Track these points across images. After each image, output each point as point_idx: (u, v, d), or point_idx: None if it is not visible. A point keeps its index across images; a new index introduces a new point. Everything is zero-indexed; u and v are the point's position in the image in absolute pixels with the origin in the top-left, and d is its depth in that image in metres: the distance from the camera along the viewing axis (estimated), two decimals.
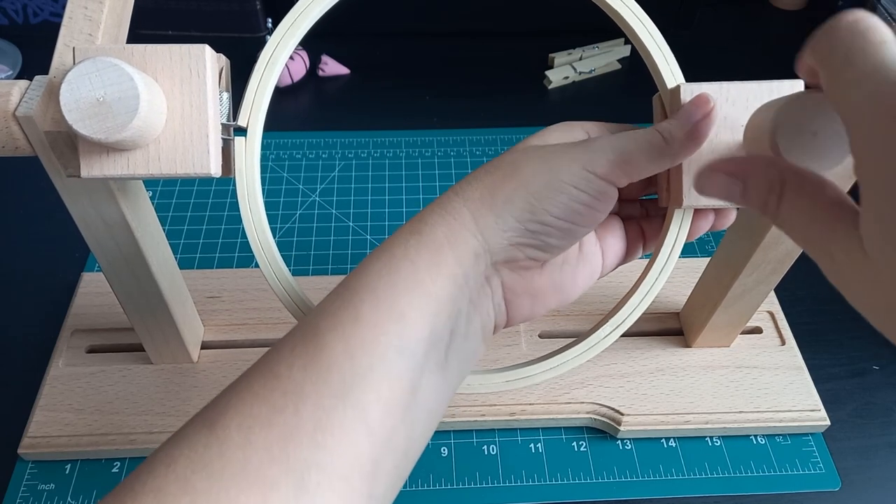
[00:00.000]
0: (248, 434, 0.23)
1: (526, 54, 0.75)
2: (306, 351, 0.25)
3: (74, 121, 0.26)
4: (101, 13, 0.30)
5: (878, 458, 0.45)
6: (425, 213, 0.29)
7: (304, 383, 0.24)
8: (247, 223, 0.33)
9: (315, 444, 0.23)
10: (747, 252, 0.39)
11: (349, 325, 0.25)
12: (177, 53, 0.29)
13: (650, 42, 0.33)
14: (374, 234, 0.58)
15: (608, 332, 0.34)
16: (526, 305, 0.31)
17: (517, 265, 0.29)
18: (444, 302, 0.27)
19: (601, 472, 0.44)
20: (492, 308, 0.29)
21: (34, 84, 0.29)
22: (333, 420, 0.23)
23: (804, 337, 0.49)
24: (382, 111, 0.69)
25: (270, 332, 0.48)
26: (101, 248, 0.36)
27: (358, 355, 0.25)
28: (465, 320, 0.28)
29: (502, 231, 0.28)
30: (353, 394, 0.24)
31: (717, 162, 0.26)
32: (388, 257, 0.27)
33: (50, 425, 0.43)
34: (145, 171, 0.29)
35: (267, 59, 0.32)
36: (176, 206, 0.59)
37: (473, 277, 0.28)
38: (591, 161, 0.28)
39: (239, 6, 0.72)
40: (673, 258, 0.33)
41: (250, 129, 0.32)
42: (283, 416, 0.23)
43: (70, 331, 0.48)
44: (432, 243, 0.27)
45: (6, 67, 0.69)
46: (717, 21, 0.80)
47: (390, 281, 0.26)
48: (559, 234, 0.29)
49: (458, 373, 0.28)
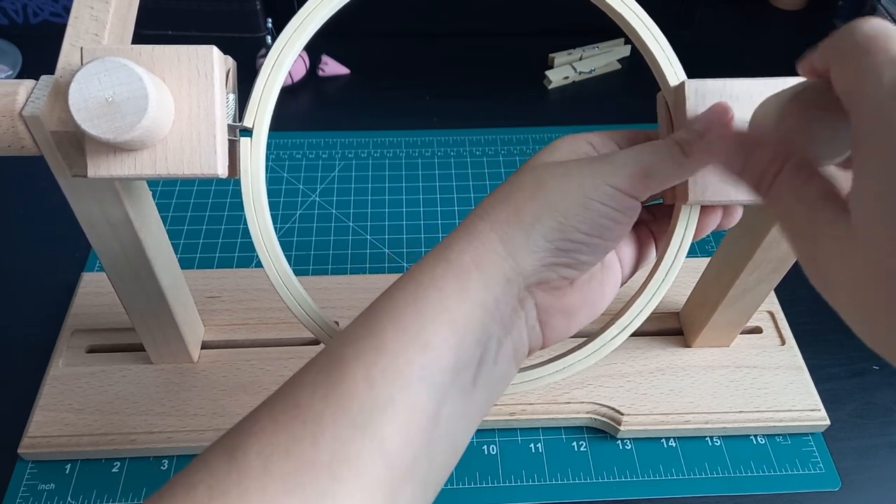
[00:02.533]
0: (267, 462, 0.23)
1: (526, 54, 0.75)
2: (328, 379, 0.25)
3: (83, 120, 0.26)
4: (107, 13, 0.30)
5: (878, 458, 0.45)
6: (451, 239, 0.28)
7: (323, 413, 0.24)
8: (251, 224, 0.32)
9: (332, 475, 0.23)
10: (748, 251, 0.39)
11: (371, 353, 0.25)
12: (184, 54, 0.29)
13: (650, 39, 0.33)
14: (374, 234, 0.58)
15: (615, 333, 0.34)
16: (561, 324, 0.30)
17: (549, 286, 0.29)
18: (471, 329, 0.26)
19: (601, 472, 0.44)
20: (525, 331, 0.29)
21: (40, 84, 0.29)
22: (351, 452, 0.23)
23: (804, 337, 0.49)
24: (382, 111, 0.69)
25: (270, 332, 0.48)
26: (105, 247, 0.36)
27: (378, 385, 0.24)
28: (495, 345, 0.27)
29: (533, 252, 0.28)
30: (372, 425, 0.24)
31: (727, 130, 0.26)
32: (415, 286, 0.27)
33: (50, 425, 0.43)
34: (152, 172, 0.29)
35: (274, 60, 0.32)
36: (176, 206, 0.59)
37: (505, 302, 0.28)
38: (615, 177, 0.28)
39: (239, 6, 0.72)
40: (681, 256, 0.33)
41: (256, 129, 0.32)
42: (301, 446, 0.23)
43: (70, 331, 0.48)
44: (460, 269, 0.27)
45: (6, 67, 0.69)
46: (717, 21, 0.80)
47: (416, 309, 0.26)
48: (588, 251, 0.29)
49: (487, 398, 0.28)
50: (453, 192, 0.62)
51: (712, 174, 0.31)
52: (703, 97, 0.31)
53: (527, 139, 0.66)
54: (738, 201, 0.32)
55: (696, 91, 0.31)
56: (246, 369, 0.46)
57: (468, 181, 0.63)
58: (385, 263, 0.56)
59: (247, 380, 0.46)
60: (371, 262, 0.56)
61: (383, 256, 0.56)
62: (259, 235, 0.33)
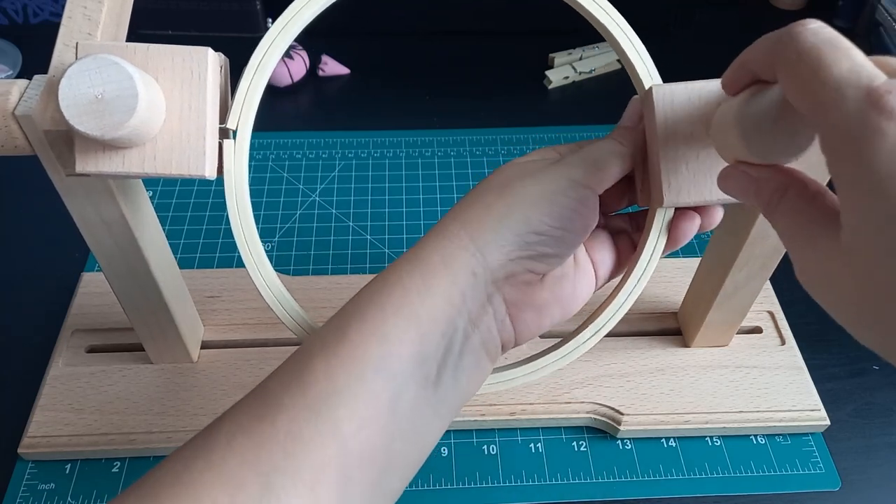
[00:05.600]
0: (231, 440, 0.25)
1: (526, 54, 0.75)
2: (295, 368, 0.27)
3: (71, 116, 0.26)
4: (100, 13, 0.30)
5: (878, 458, 0.45)
6: (424, 241, 0.30)
7: (283, 397, 0.26)
8: (234, 225, 0.33)
9: (285, 451, 0.25)
10: (735, 249, 0.40)
11: (333, 344, 0.28)
12: (179, 54, 0.29)
13: (627, 45, 0.33)
14: (374, 234, 0.58)
15: (589, 335, 0.34)
16: (531, 320, 0.32)
17: (517, 280, 0.30)
18: (435, 322, 0.28)
19: (601, 471, 0.44)
20: (494, 325, 0.30)
21: (33, 83, 0.29)
22: (305, 432, 0.25)
23: (804, 337, 0.49)
24: (382, 111, 0.69)
25: (270, 332, 0.48)
26: (101, 247, 0.36)
27: (336, 373, 0.27)
28: (461, 338, 0.29)
29: (501, 246, 0.29)
30: (327, 409, 0.26)
31: (742, 164, 0.28)
32: (382, 283, 0.29)
33: (50, 425, 0.43)
34: (140, 170, 0.29)
35: (258, 62, 0.32)
36: (176, 206, 0.59)
37: (472, 297, 0.29)
38: (572, 171, 0.31)
39: (239, 6, 0.72)
40: (654, 260, 0.34)
41: (240, 131, 0.32)
42: (262, 425, 0.26)
43: (70, 331, 0.48)
44: (426, 267, 0.29)
45: (6, 67, 0.69)
46: (717, 21, 0.80)
47: (379, 304, 0.28)
48: (553, 242, 0.30)
49: (457, 392, 0.29)
50: (453, 192, 0.62)
51: (686, 178, 0.31)
52: (671, 101, 0.31)
53: (527, 139, 0.66)
54: (712, 201, 0.32)
55: (664, 96, 0.31)
56: (246, 369, 0.46)
57: (468, 181, 0.62)
58: (385, 263, 0.56)
59: (247, 380, 0.46)
60: (371, 262, 0.56)
61: (384, 256, 0.56)
62: (242, 236, 0.33)
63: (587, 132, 0.67)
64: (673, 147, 0.31)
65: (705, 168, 0.31)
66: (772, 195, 0.25)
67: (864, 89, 0.20)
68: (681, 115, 0.31)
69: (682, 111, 0.31)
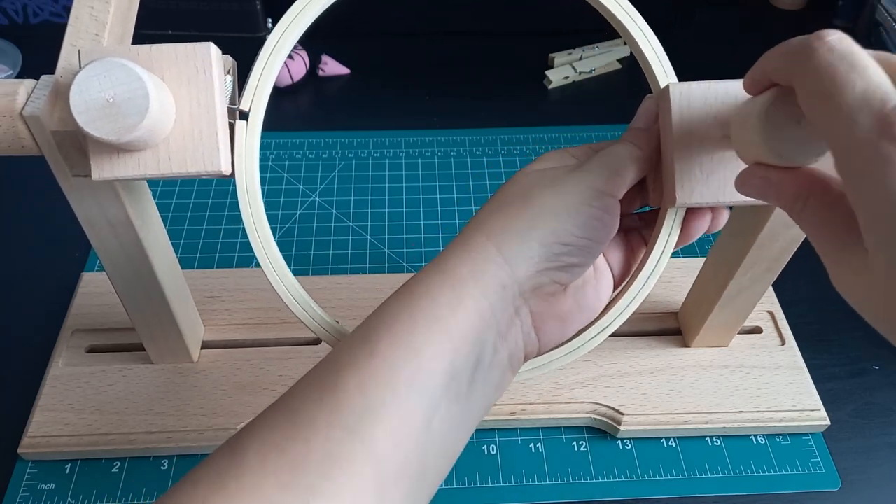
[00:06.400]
0: (263, 460, 0.24)
1: (526, 54, 0.75)
2: (323, 385, 0.26)
3: (85, 122, 0.26)
4: (107, 13, 0.30)
5: (878, 458, 0.45)
6: (448, 252, 0.30)
7: (317, 416, 0.25)
8: (244, 207, 0.33)
9: (322, 473, 0.24)
10: (742, 251, 0.39)
11: (364, 360, 0.26)
12: (182, 52, 0.29)
13: (644, 42, 0.33)
14: (374, 234, 0.58)
15: (595, 333, 0.34)
16: (556, 330, 0.32)
17: (543, 291, 0.30)
18: (466, 335, 0.28)
19: (601, 471, 0.44)
20: (521, 337, 0.30)
21: (40, 84, 0.29)
22: (341, 452, 0.25)
23: (804, 337, 0.49)
24: (382, 111, 0.69)
25: (270, 332, 0.48)
26: (105, 247, 0.36)
27: (370, 390, 0.26)
28: (491, 351, 0.29)
29: (528, 258, 0.29)
30: (362, 428, 0.25)
31: (760, 167, 0.27)
32: (409, 296, 0.28)
33: (50, 425, 0.43)
34: (156, 171, 0.29)
35: (273, 45, 0.32)
36: (176, 206, 0.59)
37: (501, 309, 0.29)
38: (594, 179, 0.31)
39: (239, 6, 0.72)
40: (664, 259, 0.34)
41: (252, 113, 0.32)
42: (295, 444, 0.25)
43: (70, 331, 0.48)
44: (455, 279, 0.28)
45: (6, 67, 0.69)
46: (717, 21, 0.80)
47: (409, 317, 0.27)
48: (579, 253, 0.30)
49: (481, 404, 0.29)
50: (453, 192, 0.62)
51: (699, 178, 0.31)
52: (687, 99, 0.31)
53: (527, 139, 0.66)
54: (724, 202, 0.32)
55: (681, 94, 0.31)
56: (246, 369, 0.46)
57: (468, 181, 0.63)
58: (385, 263, 0.56)
59: (247, 380, 0.46)
60: (371, 262, 0.56)
61: (384, 256, 0.56)
62: (251, 219, 0.33)
63: (587, 132, 0.67)
64: (687, 146, 0.31)
65: (719, 169, 0.31)
66: (794, 201, 0.25)
67: (875, 116, 0.20)
68: (696, 115, 0.31)
69: (698, 110, 0.31)
